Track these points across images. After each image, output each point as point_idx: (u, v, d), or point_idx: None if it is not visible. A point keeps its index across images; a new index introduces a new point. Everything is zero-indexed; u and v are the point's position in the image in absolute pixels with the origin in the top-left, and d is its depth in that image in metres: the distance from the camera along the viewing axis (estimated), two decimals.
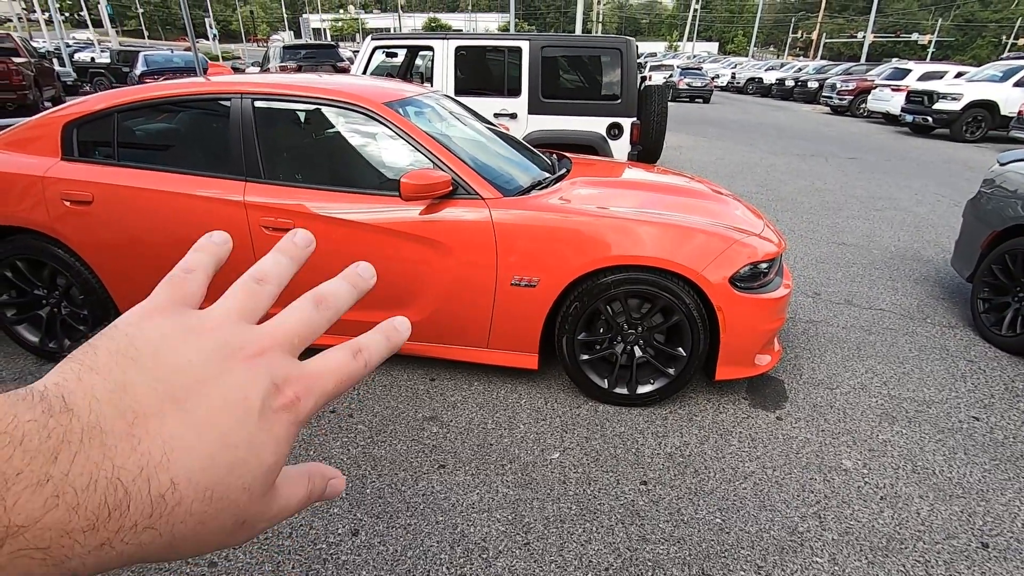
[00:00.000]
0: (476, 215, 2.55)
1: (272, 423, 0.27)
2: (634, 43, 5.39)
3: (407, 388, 2.84)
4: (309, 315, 0.30)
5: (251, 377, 0.27)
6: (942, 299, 4.10)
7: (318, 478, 0.31)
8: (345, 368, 0.30)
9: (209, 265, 0.31)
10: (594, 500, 2.16)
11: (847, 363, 3.19)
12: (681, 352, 2.61)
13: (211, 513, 0.25)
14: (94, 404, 0.23)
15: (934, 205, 6.92)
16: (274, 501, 0.28)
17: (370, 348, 0.32)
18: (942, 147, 11.97)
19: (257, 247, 2.64)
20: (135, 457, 0.23)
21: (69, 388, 0.23)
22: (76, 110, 2.76)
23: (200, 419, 0.25)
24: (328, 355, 0.30)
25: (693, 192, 3.10)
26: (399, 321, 0.34)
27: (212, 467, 0.24)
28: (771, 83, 26.22)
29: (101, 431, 0.22)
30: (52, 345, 2.96)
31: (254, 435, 0.26)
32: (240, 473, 0.25)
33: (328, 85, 2.78)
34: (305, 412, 0.28)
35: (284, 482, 0.29)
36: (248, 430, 0.26)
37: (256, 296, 0.30)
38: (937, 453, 2.46)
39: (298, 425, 0.28)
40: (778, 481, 2.27)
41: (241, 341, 0.28)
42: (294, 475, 0.30)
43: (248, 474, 0.26)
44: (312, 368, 0.29)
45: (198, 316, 0.28)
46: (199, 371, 0.26)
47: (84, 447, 0.22)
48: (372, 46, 5.79)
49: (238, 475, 0.25)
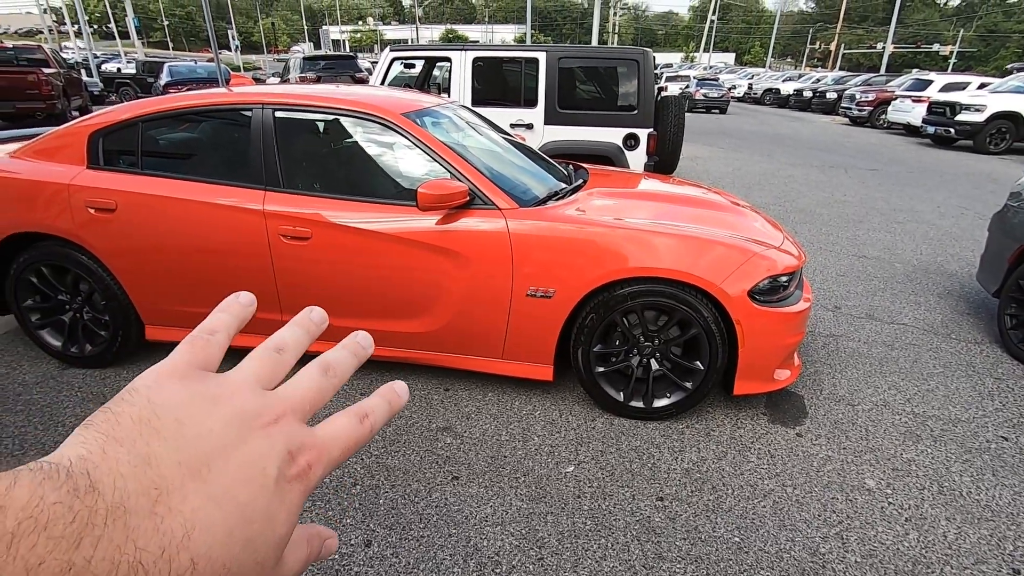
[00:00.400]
0: (492, 225, 2.54)
1: (286, 492, 0.27)
2: (651, 54, 5.39)
3: (421, 397, 2.83)
4: (319, 382, 0.31)
5: (269, 446, 0.27)
6: (967, 314, 4.01)
7: (316, 540, 0.32)
8: (354, 435, 0.31)
9: (232, 327, 0.32)
10: (609, 515, 2.12)
11: (869, 379, 3.12)
12: (699, 366, 2.57)
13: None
14: (119, 481, 0.22)
15: (958, 218, 6.79)
16: (281, 568, 0.28)
17: (375, 413, 0.33)
18: (965, 159, 11.77)
19: (275, 256, 2.66)
20: (157, 538, 0.22)
21: (94, 463, 0.22)
22: (102, 120, 2.82)
23: (220, 492, 0.25)
24: (337, 421, 0.31)
25: (711, 204, 3.07)
26: (399, 386, 0.35)
27: (230, 543, 0.24)
28: (789, 94, 26.03)
29: (125, 511, 0.22)
30: (74, 350, 3.01)
31: (270, 506, 0.26)
32: (255, 547, 0.26)
33: (347, 96, 2.81)
34: (315, 479, 0.29)
35: (288, 549, 0.29)
36: (265, 501, 0.26)
37: (274, 364, 0.31)
38: (964, 474, 2.39)
39: (308, 492, 0.28)
40: (798, 500, 2.22)
41: (259, 408, 0.28)
42: (296, 539, 0.30)
43: (262, 548, 0.26)
44: (323, 435, 0.30)
45: (217, 382, 0.28)
46: (219, 440, 0.26)
47: (108, 530, 0.21)
48: (390, 57, 5.86)
49: (253, 549, 0.25)
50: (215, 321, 0.31)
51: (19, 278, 2.92)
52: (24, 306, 2.98)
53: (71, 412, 2.67)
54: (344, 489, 2.21)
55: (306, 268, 2.67)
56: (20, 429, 2.54)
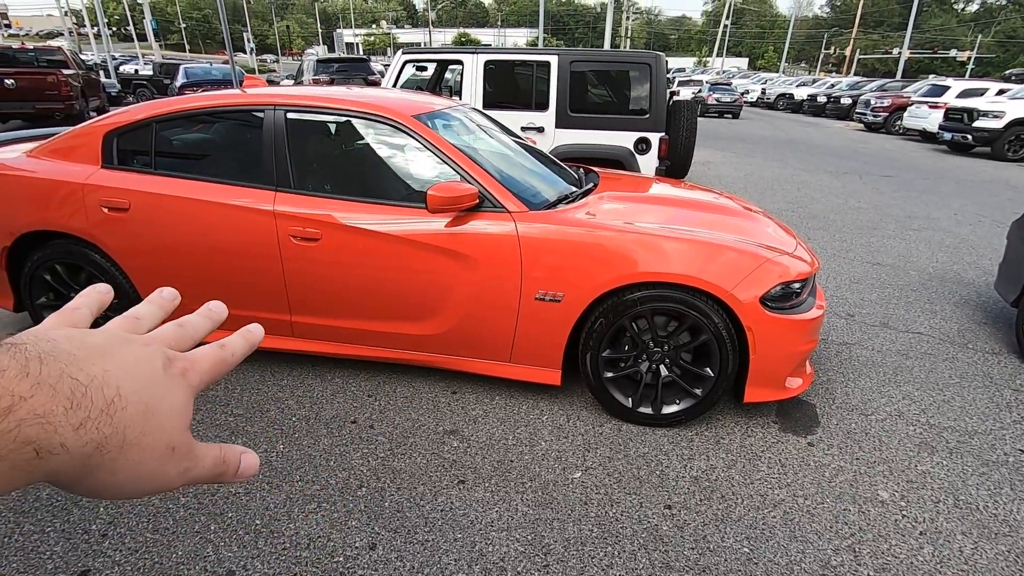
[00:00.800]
0: (502, 228, 2.53)
1: (174, 380, 0.35)
2: (663, 58, 5.37)
3: (429, 400, 2.82)
4: (176, 330, 0.39)
5: (148, 351, 0.34)
6: (984, 324, 3.93)
7: (230, 449, 0.38)
8: (217, 354, 0.39)
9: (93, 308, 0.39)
10: (616, 523, 2.10)
11: (883, 388, 3.07)
12: (709, 372, 2.54)
13: (149, 429, 0.32)
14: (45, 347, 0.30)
15: (975, 226, 6.68)
16: (195, 445, 0.35)
17: (233, 343, 0.41)
18: (982, 166, 11.59)
19: (285, 256, 2.67)
20: (84, 374, 0.30)
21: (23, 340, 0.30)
22: (117, 120, 2.85)
23: (123, 364, 0.32)
24: (201, 348, 0.39)
25: (723, 209, 3.04)
26: (254, 326, 0.43)
27: (143, 390, 0.32)
28: (802, 99, 25.84)
29: (55, 359, 0.29)
30: None
31: (165, 383, 0.34)
32: (163, 403, 0.33)
33: (359, 98, 2.82)
34: (194, 382, 0.36)
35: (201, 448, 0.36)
36: (159, 379, 0.34)
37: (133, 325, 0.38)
38: (981, 487, 2.34)
39: (192, 390, 0.36)
40: (809, 510, 2.18)
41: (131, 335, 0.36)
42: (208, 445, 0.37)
43: (168, 407, 0.33)
44: (191, 354, 0.38)
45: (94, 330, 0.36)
46: (108, 343, 0.33)
47: (46, 365, 0.28)
48: (403, 60, 5.89)
49: (162, 403, 0.33)
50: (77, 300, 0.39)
51: (33, 276, 2.95)
52: (38, 303, 3.01)
53: None
54: (349, 491, 2.21)
55: (315, 269, 2.68)
56: None
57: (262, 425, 2.60)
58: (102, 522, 2.03)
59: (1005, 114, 12.12)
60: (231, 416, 2.66)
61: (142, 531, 1.99)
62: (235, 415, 2.67)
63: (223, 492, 2.18)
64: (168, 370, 0.35)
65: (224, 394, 2.84)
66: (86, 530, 1.99)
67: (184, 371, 0.36)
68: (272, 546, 1.95)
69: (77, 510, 2.08)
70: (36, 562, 1.87)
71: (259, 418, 2.65)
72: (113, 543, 1.94)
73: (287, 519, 2.07)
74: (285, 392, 2.87)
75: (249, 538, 1.98)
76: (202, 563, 1.88)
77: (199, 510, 2.10)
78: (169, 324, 0.40)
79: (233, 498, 2.16)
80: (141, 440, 0.31)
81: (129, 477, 0.32)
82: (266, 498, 2.16)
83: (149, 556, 1.90)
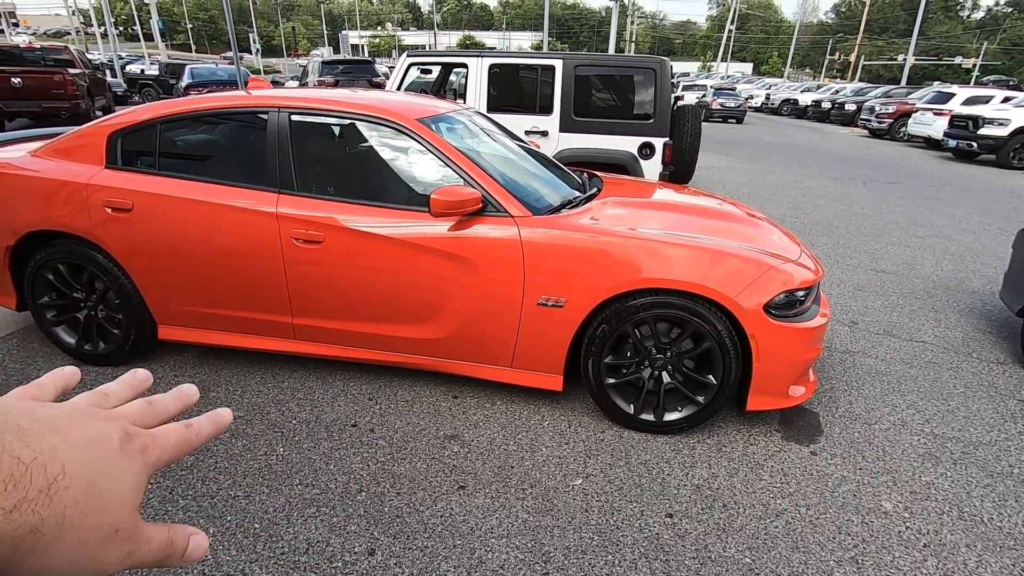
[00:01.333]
0: (505, 233, 2.53)
1: (130, 457, 0.33)
2: (668, 63, 5.36)
3: (429, 404, 2.81)
4: (144, 407, 0.39)
5: (109, 426, 0.34)
6: (989, 333, 3.91)
7: (179, 530, 0.37)
8: (181, 434, 0.38)
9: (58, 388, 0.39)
10: (617, 531, 2.08)
11: (886, 397, 3.05)
12: (711, 380, 2.53)
13: (93, 508, 0.30)
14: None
15: (979, 234, 6.65)
16: (142, 527, 0.34)
17: (200, 424, 0.40)
18: (987, 174, 11.56)
19: (287, 259, 2.66)
20: (28, 451, 0.29)
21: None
22: (121, 120, 2.85)
23: (75, 440, 0.31)
24: (167, 426, 0.38)
25: (727, 215, 3.03)
26: (224, 410, 0.44)
27: (92, 467, 0.31)
28: (807, 105, 25.80)
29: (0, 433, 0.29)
30: (88, 348, 3.04)
31: (118, 461, 0.33)
32: (113, 482, 0.32)
33: (363, 101, 2.82)
34: (153, 459, 0.35)
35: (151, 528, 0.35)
36: (113, 456, 0.33)
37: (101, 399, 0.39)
38: (986, 499, 2.31)
39: (148, 469, 0.35)
40: (812, 521, 2.16)
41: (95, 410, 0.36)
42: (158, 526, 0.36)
43: (118, 486, 0.32)
44: (154, 431, 0.37)
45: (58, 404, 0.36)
46: (66, 417, 0.32)
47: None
48: (407, 63, 5.89)
49: (111, 482, 0.32)
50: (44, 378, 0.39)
51: (36, 275, 2.95)
52: (40, 303, 3.01)
53: None
54: (349, 495, 2.20)
55: (317, 271, 2.67)
56: None
57: (262, 427, 2.59)
58: None
59: (1010, 122, 12.09)
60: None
61: None
62: (235, 416, 2.66)
63: (222, 495, 2.17)
64: (126, 447, 0.34)
65: (225, 395, 2.83)
66: None
67: (144, 448, 0.35)
68: (271, 550, 1.94)
69: None
70: None
71: (259, 420, 2.64)
72: None
73: (286, 523, 2.06)
74: (286, 394, 2.86)
75: (248, 542, 1.97)
76: (200, 566, 1.87)
77: (198, 513, 2.09)
78: (137, 401, 0.40)
79: (232, 501, 2.15)
80: (82, 521, 0.30)
81: (65, 561, 0.30)
82: (265, 501, 2.15)
83: None
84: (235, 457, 2.39)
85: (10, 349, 3.23)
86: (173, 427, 0.38)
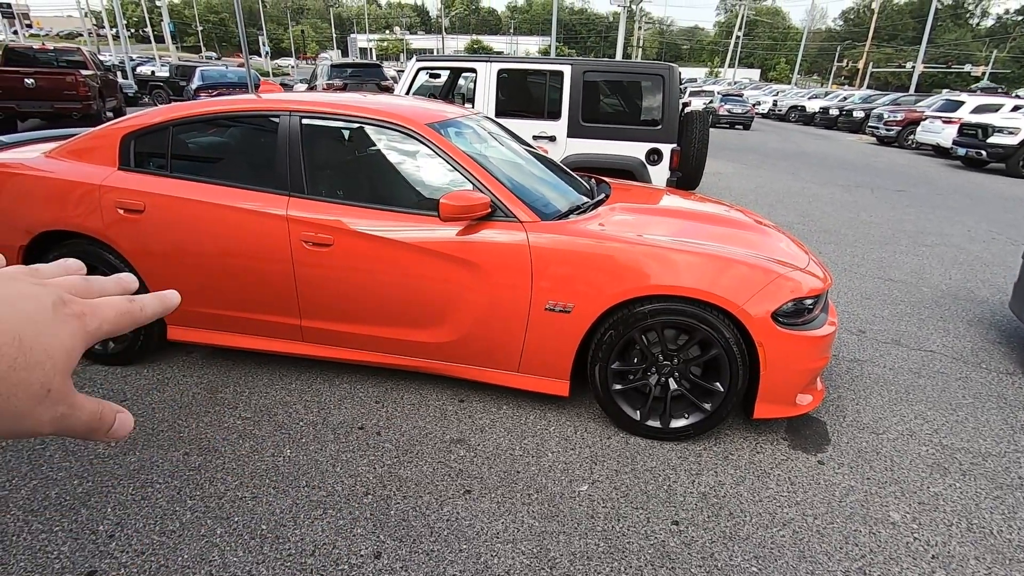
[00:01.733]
0: (513, 238, 2.54)
1: (64, 321, 0.33)
2: (677, 70, 5.37)
3: (436, 408, 2.82)
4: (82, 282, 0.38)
5: (42, 290, 0.33)
6: (998, 344, 3.88)
7: (108, 406, 0.37)
8: (123, 306, 0.37)
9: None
10: (623, 538, 2.08)
11: (894, 407, 3.03)
12: (718, 387, 2.52)
13: (21, 363, 0.30)
14: None
15: (988, 243, 6.61)
16: (74, 394, 0.34)
17: (145, 299, 0.39)
18: (997, 182, 11.49)
19: (297, 261, 2.68)
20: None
21: None
22: (135, 122, 2.88)
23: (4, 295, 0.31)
24: (111, 298, 0.38)
25: (735, 222, 3.03)
26: (171, 292, 0.42)
27: (18, 322, 0.30)
28: (814, 111, 25.73)
29: None
30: (98, 347, 3.06)
31: (51, 321, 0.32)
32: (42, 340, 0.31)
33: (373, 105, 2.84)
34: (92, 328, 0.34)
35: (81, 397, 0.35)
36: (44, 315, 0.32)
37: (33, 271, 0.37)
38: (995, 511, 2.30)
39: (86, 335, 0.34)
40: (819, 530, 2.15)
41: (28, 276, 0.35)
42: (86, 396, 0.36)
43: (48, 344, 0.31)
44: (94, 300, 0.36)
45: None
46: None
47: None
48: (417, 67, 5.92)
49: (41, 340, 0.31)
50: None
51: None
52: None
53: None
54: (356, 498, 2.20)
55: (326, 274, 2.69)
56: None
57: (270, 429, 2.61)
58: (109, 523, 2.03)
59: (1020, 130, 12.02)
60: (239, 419, 2.67)
61: (149, 533, 2.00)
62: (243, 418, 2.68)
63: (230, 496, 2.18)
64: (60, 310, 0.33)
65: (232, 397, 2.85)
66: (93, 531, 2.00)
67: (80, 314, 0.34)
68: (277, 552, 1.95)
69: (85, 510, 2.09)
70: (44, 562, 1.87)
71: (267, 422, 2.66)
72: (120, 544, 1.95)
73: (293, 525, 2.06)
74: (293, 396, 2.87)
75: (255, 543, 1.98)
76: (207, 567, 1.88)
77: (205, 513, 2.10)
78: (75, 276, 0.39)
79: (240, 503, 2.16)
80: (9, 375, 0.30)
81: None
82: (272, 503, 2.16)
83: (155, 559, 1.90)
84: (242, 458, 2.41)
85: None
86: (115, 299, 0.37)
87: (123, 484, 2.22)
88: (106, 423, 0.36)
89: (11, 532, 1.98)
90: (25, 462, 2.33)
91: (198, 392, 2.88)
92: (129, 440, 2.48)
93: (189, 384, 2.95)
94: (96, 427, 0.36)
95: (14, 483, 2.22)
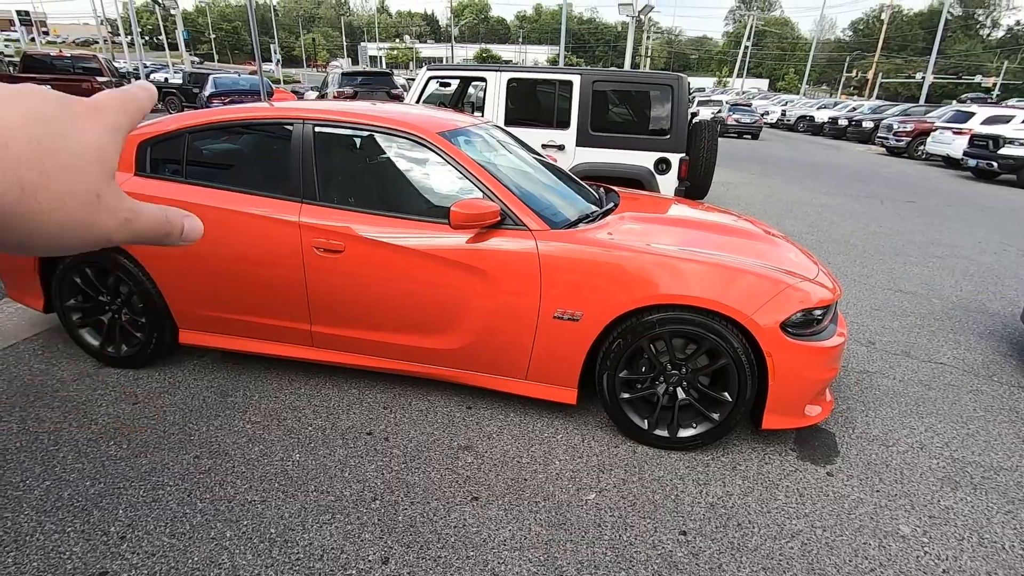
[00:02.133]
0: (522, 246, 2.55)
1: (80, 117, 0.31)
2: (685, 80, 5.40)
3: (444, 414, 2.83)
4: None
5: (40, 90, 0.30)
6: (1010, 356, 3.85)
7: (172, 208, 0.36)
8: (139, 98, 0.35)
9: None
10: (630, 547, 2.08)
11: (904, 419, 3.01)
12: (727, 397, 2.52)
13: (51, 169, 0.28)
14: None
15: (1000, 255, 6.56)
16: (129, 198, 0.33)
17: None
18: (1008, 194, 11.41)
19: (308, 267, 2.71)
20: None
21: None
22: (151, 129, 2.94)
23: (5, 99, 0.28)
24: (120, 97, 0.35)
25: (744, 232, 3.03)
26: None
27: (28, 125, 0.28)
28: (823, 122, 25.70)
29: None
30: (111, 350, 3.10)
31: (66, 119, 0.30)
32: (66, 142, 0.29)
33: (385, 114, 2.87)
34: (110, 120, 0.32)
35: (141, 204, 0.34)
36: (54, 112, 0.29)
37: None
38: (1007, 526, 2.27)
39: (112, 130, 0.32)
40: (828, 543, 2.14)
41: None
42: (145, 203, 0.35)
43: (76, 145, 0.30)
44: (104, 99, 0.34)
45: None
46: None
47: None
48: (427, 76, 5.98)
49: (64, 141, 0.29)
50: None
51: (64, 278, 3.03)
52: (67, 305, 3.08)
53: (105, 411, 2.74)
54: (364, 503, 2.21)
55: (337, 280, 2.72)
56: (56, 424, 2.62)
57: (279, 433, 2.62)
58: (121, 524, 2.06)
59: None
60: (249, 423, 2.69)
61: (159, 535, 2.02)
62: (252, 422, 2.70)
63: (239, 499, 2.20)
64: (71, 108, 0.31)
65: (243, 401, 2.87)
66: (105, 532, 2.02)
67: (96, 107, 0.32)
68: (286, 556, 1.96)
69: (97, 511, 2.11)
70: (56, 562, 1.89)
71: (276, 426, 2.68)
72: (131, 546, 1.97)
73: (301, 529, 2.08)
74: (302, 400, 2.89)
75: (264, 547, 1.99)
76: (217, 570, 1.89)
77: (215, 516, 2.12)
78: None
79: (249, 506, 2.17)
80: (47, 183, 0.28)
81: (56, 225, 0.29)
82: (281, 507, 2.18)
83: (165, 561, 1.92)
84: (252, 462, 2.42)
85: (35, 349, 3.31)
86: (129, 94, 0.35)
87: (134, 486, 2.25)
88: (176, 228, 0.36)
89: (25, 532, 2.01)
90: (38, 463, 2.36)
91: (208, 396, 2.91)
92: (140, 443, 2.51)
93: (200, 388, 2.98)
94: (167, 231, 0.36)
95: (28, 483, 2.24)
